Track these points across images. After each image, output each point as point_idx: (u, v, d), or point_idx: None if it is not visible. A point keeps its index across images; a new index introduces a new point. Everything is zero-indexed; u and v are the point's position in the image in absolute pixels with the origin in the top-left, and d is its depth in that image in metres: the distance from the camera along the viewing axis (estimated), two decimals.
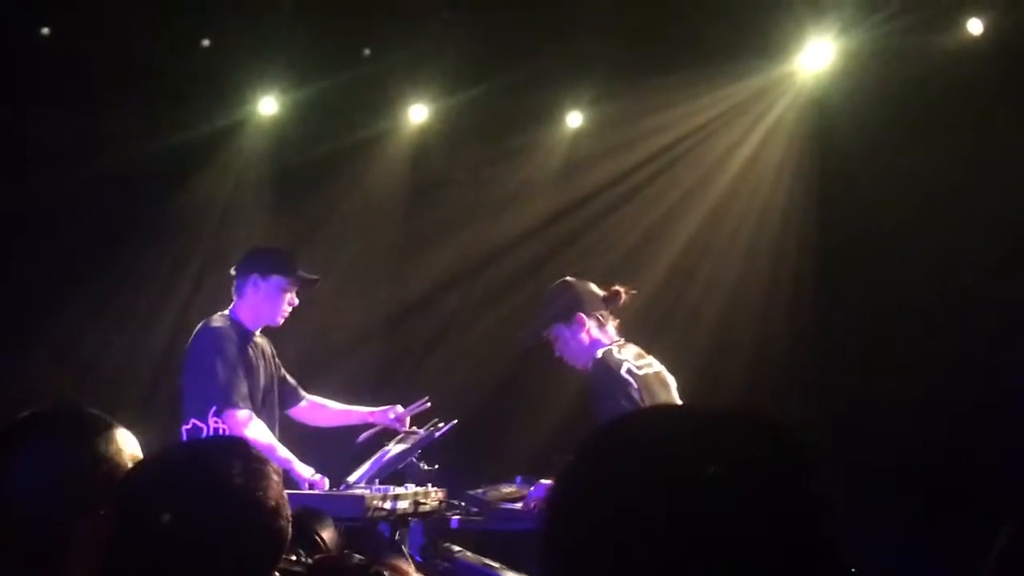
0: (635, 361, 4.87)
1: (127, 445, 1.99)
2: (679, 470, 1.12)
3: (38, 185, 6.40)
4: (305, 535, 1.97)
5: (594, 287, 5.08)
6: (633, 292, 5.13)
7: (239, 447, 1.77)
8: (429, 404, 5.40)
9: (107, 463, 1.92)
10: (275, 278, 5.14)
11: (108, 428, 1.99)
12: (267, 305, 5.16)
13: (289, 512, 1.74)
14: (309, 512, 2.01)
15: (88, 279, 6.65)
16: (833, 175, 6.79)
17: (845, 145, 6.63)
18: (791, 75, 6.94)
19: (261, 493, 1.70)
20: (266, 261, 5.20)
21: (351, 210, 7.48)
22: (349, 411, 5.57)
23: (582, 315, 4.93)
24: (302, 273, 5.21)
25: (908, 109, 6.32)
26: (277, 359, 5.39)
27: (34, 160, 6.43)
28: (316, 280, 5.30)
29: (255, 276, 5.15)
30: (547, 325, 5.01)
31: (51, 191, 6.42)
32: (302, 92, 7.04)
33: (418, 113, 7.39)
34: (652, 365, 4.96)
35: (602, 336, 4.94)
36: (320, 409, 5.58)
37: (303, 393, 5.54)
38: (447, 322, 7.72)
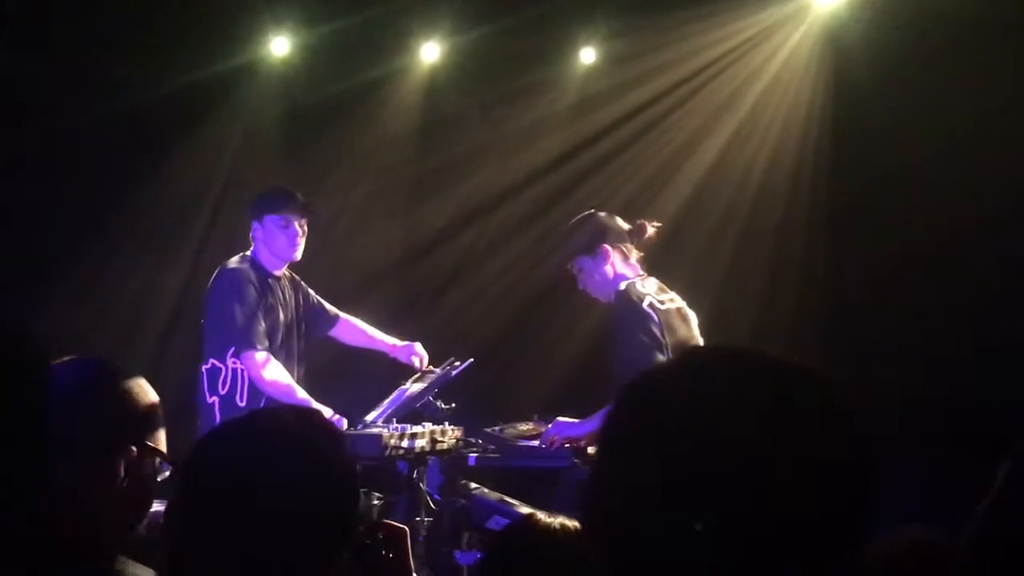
0: (657, 295, 4.85)
1: (144, 392, 2.07)
2: (731, 415, 1.14)
3: (50, 129, 6.38)
4: None
5: (619, 220, 5.05)
6: (658, 225, 5.10)
7: (314, 415, 1.81)
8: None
9: (118, 407, 2.02)
10: (270, 218, 5.23)
11: (120, 375, 2.07)
12: (275, 244, 5.24)
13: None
14: None
15: (102, 222, 6.67)
16: (848, 109, 6.73)
17: (860, 78, 6.56)
18: (806, 7, 6.86)
19: (345, 459, 1.77)
20: (260, 205, 5.30)
21: (364, 150, 7.46)
22: (376, 338, 5.64)
23: (607, 247, 4.90)
24: (294, 203, 5.24)
25: (925, 42, 6.24)
26: (302, 291, 5.45)
27: (44, 104, 6.41)
28: (311, 204, 5.32)
29: (255, 222, 5.27)
30: (571, 257, 4.98)
31: (63, 135, 6.41)
32: (313, 32, 6.99)
33: (430, 51, 7.33)
34: (674, 300, 4.94)
35: (627, 269, 4.92)
36: (351, 329, 5.67)
37: (335, 315, 5.62)
38: (461, 260, 7.73)
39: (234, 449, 1.73)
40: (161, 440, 2.07)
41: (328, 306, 5.61)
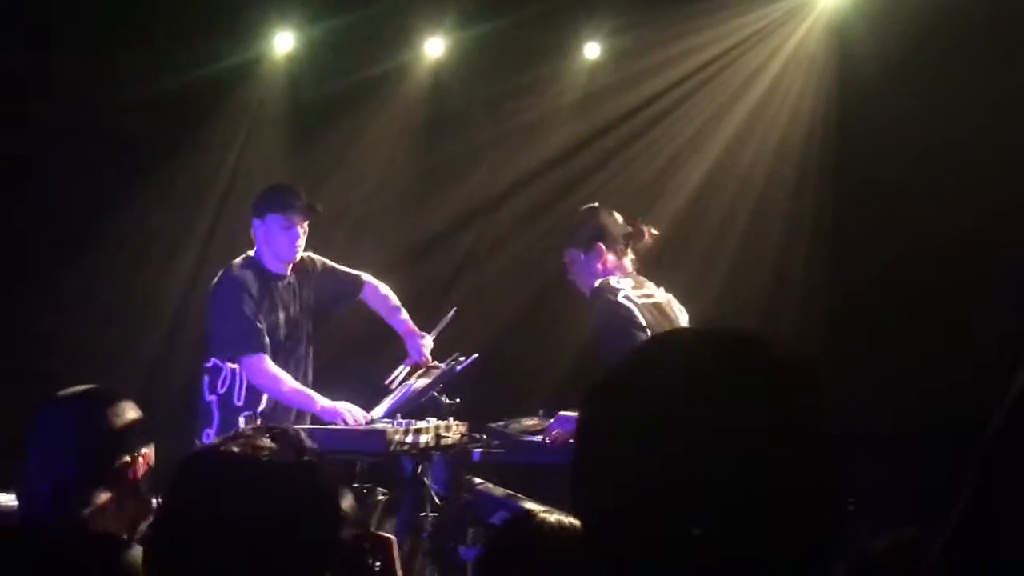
0: (633, 290, 4.89)
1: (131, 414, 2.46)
2: (696, 394, 1.16)
3: (53, 125, 6.37)
4: None
5: (620, 219, 5.06)
6: (655, 232, 5.13)
7: (292, 438, 1.82)
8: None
9: (115, 433, 2.41)
10: (271, 217, 5.17)
11: (117, 402, 2.44)
12: (276, 244, 5.19)
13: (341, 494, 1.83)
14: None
15: (103, 222, 6.65)
16: (853, 105, 6.73)
17: (866, 74, 6.55)
18: (810, 3, 6.86)
19: (324, 483, 1.76)
20: (262, 203, 5.24)
21: (369, 146, 7.46)
22: (396, 315, 5.58)
23: (602, 246, 4.94)
24: (299, 204, 5.20)
25: (932, 38, 6.22)
26: (315, 274, 5.41)
27: (47, 100, 6.39)
28: (314, 206, 5.27)
29: (256, 220, 5.22)
30: (564, 247, 5.06)
31: (66, 131, 6.40)
32: (317, 28, 6.99)
33: (434, 47, 7.34)
34: (654, 296, 4.97)
35: (616, 269, 4.96)
36: (375, 295, 5.61)
37: (356, 279, 5.57)
38: (467, 256, 7.73)
39: (211, 478, 1.74)
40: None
41: (350, 274, 5.54)
